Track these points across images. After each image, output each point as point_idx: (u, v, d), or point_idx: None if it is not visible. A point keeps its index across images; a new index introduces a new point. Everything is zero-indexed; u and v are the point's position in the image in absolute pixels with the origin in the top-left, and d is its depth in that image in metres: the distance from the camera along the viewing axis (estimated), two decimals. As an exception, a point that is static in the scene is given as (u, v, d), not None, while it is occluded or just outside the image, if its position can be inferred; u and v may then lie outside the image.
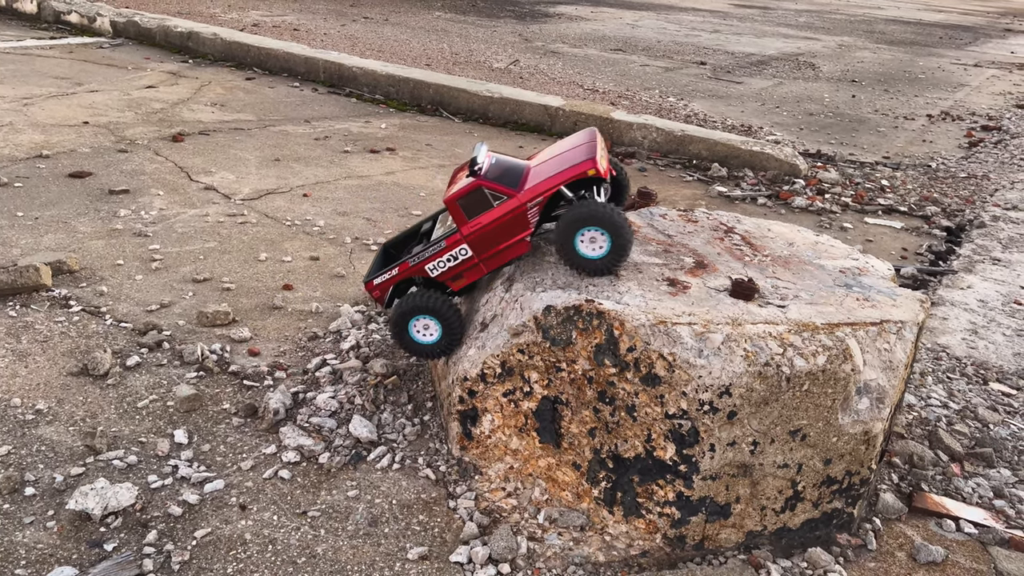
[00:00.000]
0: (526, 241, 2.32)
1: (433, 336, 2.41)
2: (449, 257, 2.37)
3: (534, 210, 2.27)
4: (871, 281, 2.36)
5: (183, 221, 4.19)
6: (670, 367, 2.01)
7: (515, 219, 2.28)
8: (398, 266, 2.43)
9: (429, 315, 2.37)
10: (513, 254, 2.35)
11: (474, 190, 2.27)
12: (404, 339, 2.43)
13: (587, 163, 2.22)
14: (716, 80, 9.69)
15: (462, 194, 2.28)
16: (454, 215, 2.32)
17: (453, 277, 2.41)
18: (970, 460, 2.61)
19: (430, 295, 2.36)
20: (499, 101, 6.74)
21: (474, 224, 2.30)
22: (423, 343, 2.42)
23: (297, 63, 7.66)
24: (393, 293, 2.51)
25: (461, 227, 2.32)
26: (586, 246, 2.22)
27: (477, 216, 2.30)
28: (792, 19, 17.15)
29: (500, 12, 13.85)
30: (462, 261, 2.37)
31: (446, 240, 2.35)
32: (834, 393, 2.03)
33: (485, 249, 2.34)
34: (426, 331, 2.40)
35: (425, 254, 2.39)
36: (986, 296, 4.03)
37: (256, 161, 5.24)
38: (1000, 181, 6.14)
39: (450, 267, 2.38)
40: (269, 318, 3.28)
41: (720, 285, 2.25)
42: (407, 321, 2.39)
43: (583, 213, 2.18)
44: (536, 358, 2.20)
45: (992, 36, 16.94)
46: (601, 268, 2.24)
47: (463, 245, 2.34)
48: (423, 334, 2.41)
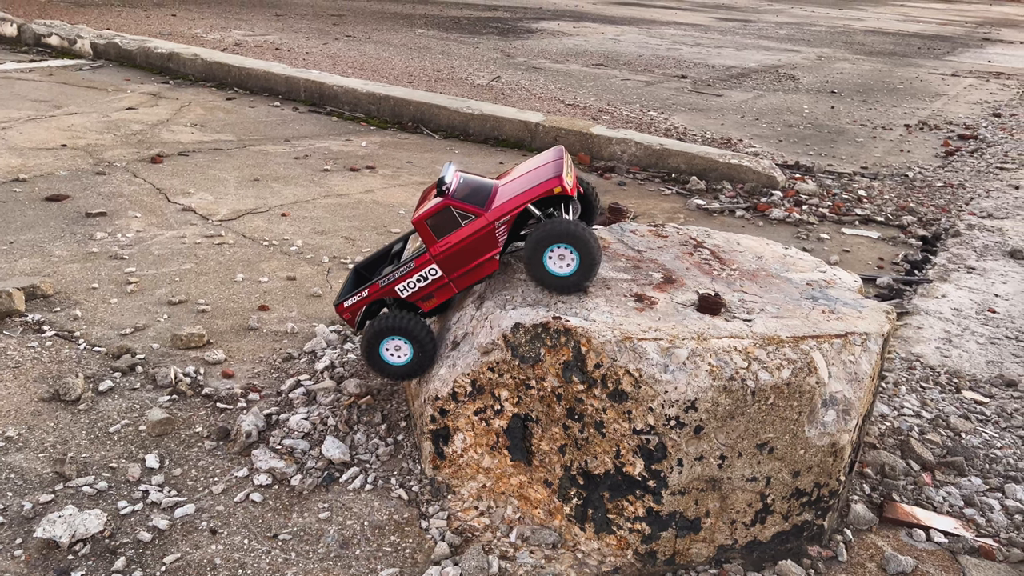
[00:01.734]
0: (495, 260, 2.33)
1: (404, 357, 2.40)
2: (419, 277, 2.37)
3: (502, 228, 2.28)
4: (838, 293, 2.38)
5: (160, 243, 4.18)
6: (636, 383, 2.02)
7: (483, 238, 2.29)
8: (368, 287, 2.43)
9: (400, 336, 2.37)
10: (483, 273, 2.36)
11: (442, 210, 2.28)
12: (375, 361, 2.43)
13: (553, 181, 2.24)
14: (696, 93, 9.77)
15: (430, 214, 2.29)
16: (423, 235, 2.33)
17: (423, 297, 2.41)
18: (941, 469, 2.62)
19: (401, 316, 2.36)
20: (479, 118, 6.77)
21: (443, 244, 2.31)
22: (394, 364, 2.42)
23: (278, 82, 7.68)
24: (365, 315, 2.51)
25: (430, 247, 2.33)
26: (555, 263, 2.23)
27: (446, 236, 2.31)
28: (773, 32, 17.32)
29: (483, 29, 13.93)
30: (432, 281, 2.37)
31: (415, 260, 2.36)
32: (799, 406, 2.04)
33: (455, 268, 2.35)
34: (397, 352, 2.40)
35: (395, 275, 2.39)
36: (960, 305, 4.06)
37: (235, 181, 5.24)
38: (976, 190, 6.21)
39: (420, 287, 2.39)
40: (244, 340, 3.27)
41: (687, 300, 2.26)
42: (378, 342, 2.39)
43: (550, 231, 2.19)
44: (506, 376, 2.21)
45: (970, 45, 17.15)
46: (570, 285, 2.25)
47: (432, 265, 2.34)
48: (394, 355, 2.41)
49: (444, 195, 2.29)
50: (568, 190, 2.24)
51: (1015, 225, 5.36)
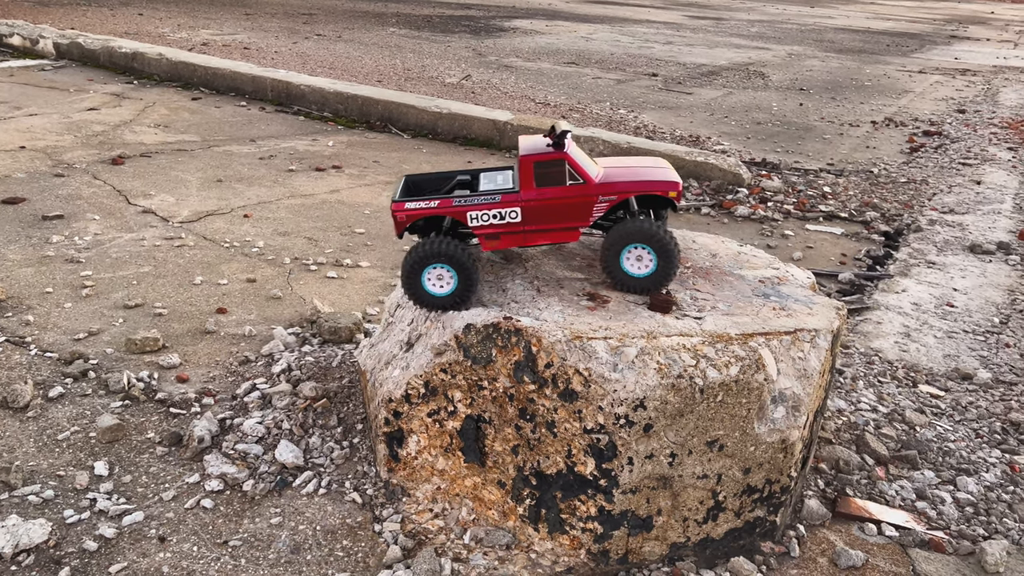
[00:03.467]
0: (577, 232, 2.27)
1: (447, 287, 2.25)
2: (497, 213, 2.25)
3: (603, 205, 2.23)
4: (789, 290, 2.39)
5: (118, 246, 4.12)
6: (586, 382, 2.01)
7: (580, 206, 2.23)
8: (439, 200, 2.27)
9: (447, 264, 2.23)
10: (558, 238, 2.29)
11: (555, 161, 2.20)
12: (415, 288, 2.27)
13: (675, 184, 2.26)
14: (667, 91, 9.80)
15: (543, 159, 2.21)
16: (523, 175, 2.23)
17: (489, 235, 2.28)
18: (895, 463, 2.64)
19: (452, 242, 2.22)
20: (448, 117, 6.75)
21: (539, 192, 2.23)
22: (434, 294, 2.27)
23: (244, 82, 7.61)
24: (411, 229, 2.38)
25: (524, 189, 2.23)
26: (631, 263, 2.23)
27: (546, 186, 2.23)
28: (744, 29, 17.42)
29: (455, 27, 13.89)
30: (508, 223, 2.26)
31: (502, 196, 2.25)
32: (748, 403, 2.05)
33: (536, 221, 2.25)
34: (439, 281, 2.25)
35: (473, 200, 2.26)
36: (920, 299, 4.10)
37: (197, 183, 5.18)
38: (938, 185, 6.27)
39: (493, 224, 2.26)
40: (200, 343, 3.23)
41: (639, 299, 2.26)
42: (422, 269, 2.24)
43: (638, 229, 2.18)
44: (459, 377, 2.20)
45: (937, 43, 17.35)
46: (639, 287, 2.25)
47: (517, 208, 2.24)
48: (436, 285, 2.26)
49: (560, 148, 2.22)
50: (678, 198, 2.26)
51: (975, 220, 5.42)
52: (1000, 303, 4.11)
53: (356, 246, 4.36)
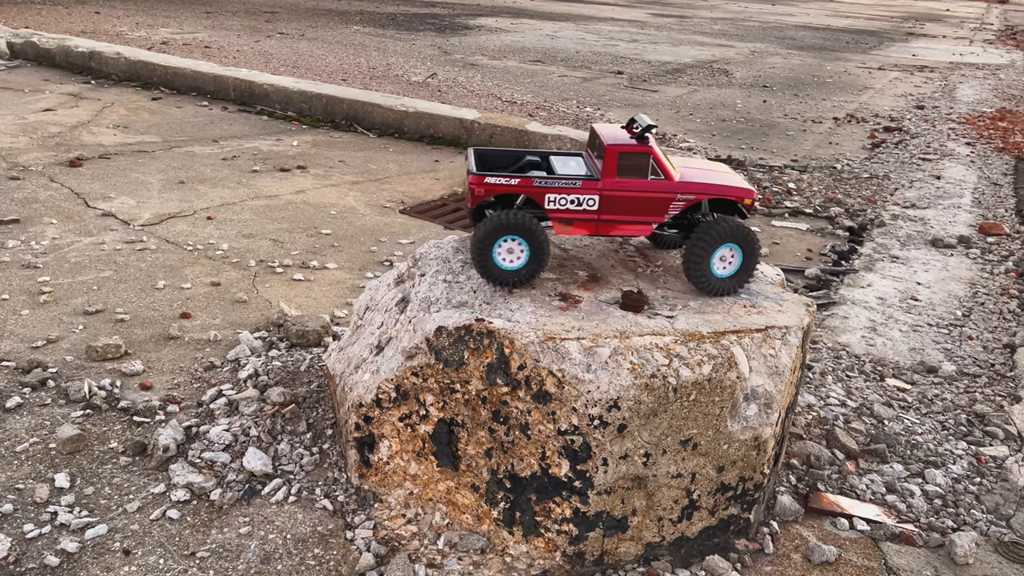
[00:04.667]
0: (650, 227, 2.28)
1: (518, 261, 2.22)
2: (575, 199, 2.24)
3: (680, 204, 2.24)
4: (759, 287, 2.40)
5: (77, 250, 4.02)
6: (560, 383, 2.00)
7: (658, 202, 2.24)
8: (520, 178, 2.25)
9: (521, 237, 2.20)
10: (632, 231, 2.29)
11: (641, 153, 2.21)
12: (486, 261, 2.22)
13: (751, 192, 2.29)
14: (632, 89, 9.83)
15: (629, 150, 2.21)
16: (607, 164, 2.22)
17: (564, 220, 2.27)
18: (865, 457, 2.67)
19: (525, 215, 2.20)
20: (414, 115, 6.70)
21: (620, 183, 2.23)
22: (504, 268, 2.23)
23: (206, 81, 7.48)
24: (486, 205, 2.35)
25: (605, 177, 2.23)
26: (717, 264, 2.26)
27: (627, 178, 2.23)
28: (707, 27, 17.55)
29: (420, 25, 13.81)
30: (584, 210, 2.25)
31: (583, 182, 2.24)
32: (721, 401, 2.05)
33: (612, 211, 2.25)
34: (510, 255, 2.22)
35: (553, 183, 2.24)
36: (885, 294, 4.15)
37: (159, 184, 5.08)
38: (900, 180, 6.37)
39: (569, 209, 2.25)
40: (164, 349, 3.16)
41: (611, 298, 2.25)
42: (493, 241, 2.20)
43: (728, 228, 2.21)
44: (430, 380, 2.17)
45: (895, 40, 17.64)
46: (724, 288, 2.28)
47: (595, 196, 2.23)
48: (507, 258, 2.23)
49: (644, 141, 2.23)
50: (751, 207, 2.29)
51: (936, 214, 5.51)
52: (962, 296, 4.18)
53: (323, 247, 4.30)
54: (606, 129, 2.36)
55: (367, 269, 4.08)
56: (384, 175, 5.67)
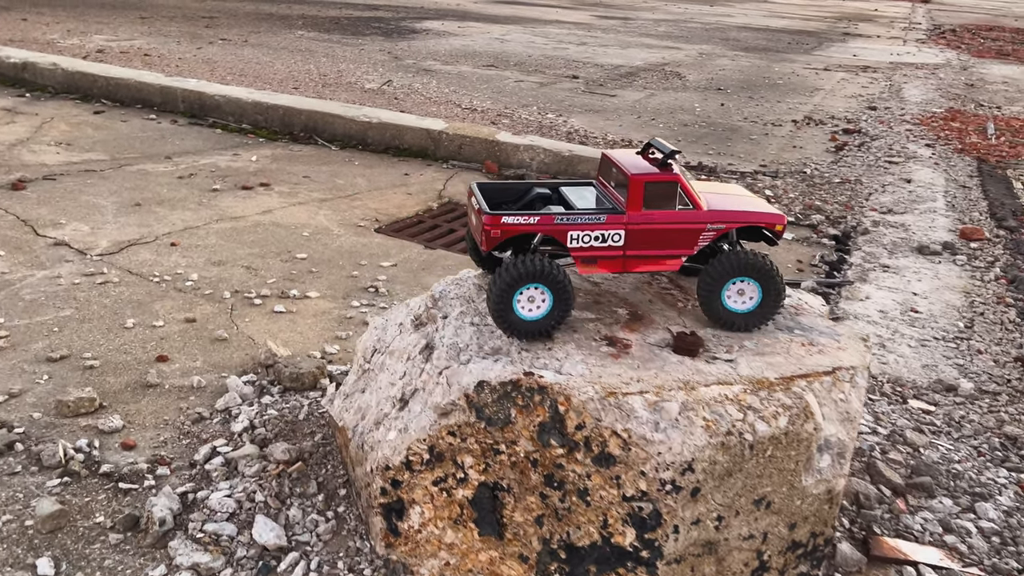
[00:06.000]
0: (679, 260, 2.11)
1: (539, 310, 2.03)
2: (600, 235, 2.05)
3: (710, 234, 2.08)
4: (810, 321, 2.25)
5: (31, 286, 3.67)
6: (625, 445, 1.80)
7: (687, 233, 2.08)
8: (539, 216, 2.04)
9: (543, 284, 2.01)
10: (660, 267, 2.13)
11: (669, 182, 2.04)
12: (506, 313, 2.03)
13: (781, 218, 2.15)
14: (590, 94, 9.71)
15: (655, 180, 2.03)
16: (632, 196, 2.04)
17: (587, 259, 2.08)
18: (912, 492, 2.54)
19: (545, 260, 2.00)
20: (378, 126, 6.43)
21: (646, 216, 2.05)
22: (524, 318, 2.04)
23: (152, 93, 7.07)
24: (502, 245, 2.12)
25: (630, 210, 2.05)
26: (732, 298, 2.10)
27: (654, 209, 2.05)
28: (652, 29, 17.59)
29: (365, 30, 13.47)
30: (608, 246, 2.07)
31: (607, 216, 2.05)
32: (797, 455, 1.88)
33: (639, 246, 2.08)
34: (531, 304, 2.03)
35: (576, 219, 2.04)
36: (885, 306, 4.07)
37: (113, 208, 4.72)
38: (871, 184, 6.36)
39: (592, 247, 2.06)
40: (143, 399, 2.87)
41: (661, 340, 2.07)
42: (515, 290, 2.00)
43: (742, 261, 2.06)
44: (470, 440, 1.95)
45: (834, 40, 17.94)
46: (742, 323, 2.12)
47: (620, 231, 2.05)
48: (527, 307, 2.03)
49: (668, 168, 2.05)
50: (781, 233, 2.16)
51: (915, 220, 5.50)
52: (960, 306, 4.13)
53: (300, 274, 4.03)
54: (624, 157, 2.19)
55: (351, 297, 3.82)
56: (353, 191, 5.40)
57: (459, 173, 5.98)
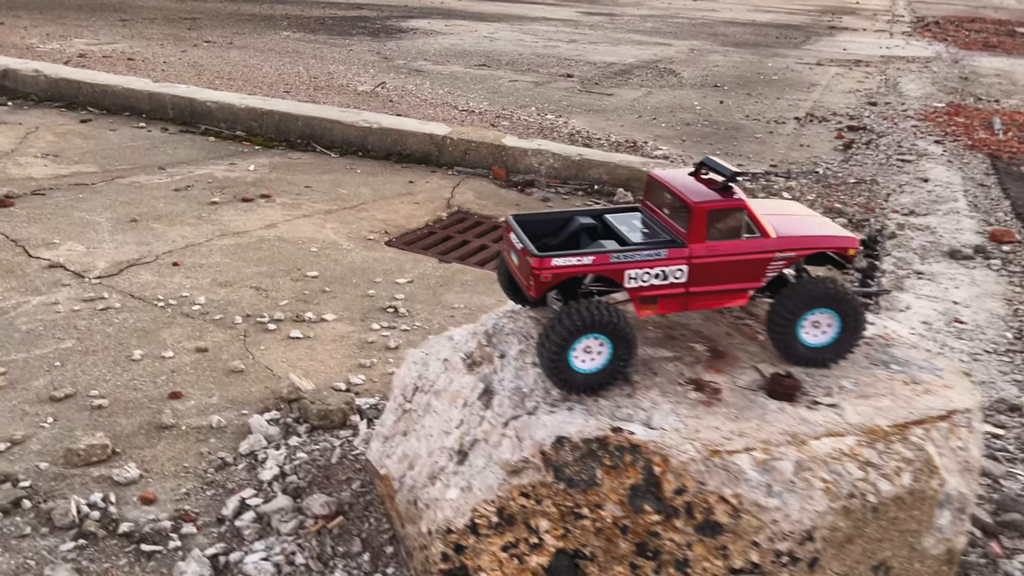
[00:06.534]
0: (747, 295, 1.92)
1: (596, 362, 1.82)
2: (660, 272, 1.85)
3: (778, 264, 1.89)
4: (903, 353, 2.05)
5: (26, 314, 3.41)
6: (735, 512, 1.60)
7: (754, 264, 1.88)
8: (594, 256, 1.83)
9: (604, 334, 1.79)
10: (725, 303, 1.92)
11: (735, 209, 1.84)
12: (561, 367, 1.81)
13: (854, 241, 1.99)
14: (587, 93, 9.51)
15: (720, 207, 1.83)
16: (695, 226, 1.83)
17: (646, 299, 1.87)
18: (1004, 533, 2.36)
19: (607, 308, 1.79)
20: (379, 132, 6.18)
21: (711, 248, 1.85)
22: (578, 370, 1.83)
23: (140, 100, 6.78)
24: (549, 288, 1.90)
25: (692, 243, 1.84)
26: (807, 331, 1.90)
27: (719, 240, 1.85)
28: (639, 25, 17.42)
29: (352, 30, 13.19)
30: (669, 284, 1.86)
31: (668, 251, 1.84)
32: (920, 515, 1.69)
33: (703, 282, 1.87)
34: (587, 355, 1.82)
35: (633, 256, 1.84)
36: (927, 317, 3.90)
37: (109, 224, 4.46)
38: (888, 184, 6.20)
39: (654, 284, 1.86)
40: (159, 443, 2.63)
41: (752, 382, 1.86)
42: (573, 342, 1.79)
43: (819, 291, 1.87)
44: (546, 502, 1.74)
45: (821, 34, 17.85)
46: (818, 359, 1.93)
47: (684, 265, 1.85)
48: (583, 359, 1.82)
49: (730, 190, 1.86)
50: (853, 258, 1.99)
51: (940, 222, 5.34)
52: (1004, 315, 3.97)
53: (313, 294, 3.80)
54: (679, 180, 1.98)
55: (370, 318, 3.59)
56: (358, 201, 5.17)
57: (466, 180, 5.75)
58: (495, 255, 4.50)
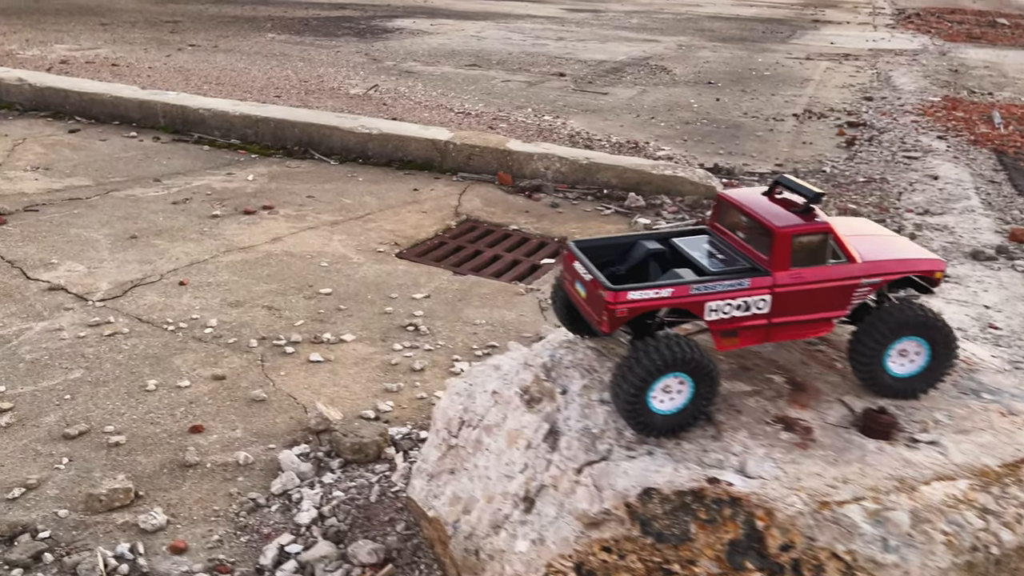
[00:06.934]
0: (831, 324, 1.80)
1: (676, 402, 1.70)
2: (741, 304, 1.72)
3: (864, 291, 1.78)
4: (991, 379, 1.94)
5: (30, 342, 3.23)
6: (848, 569, 1.47)
7: (839, 291, 1.77)
8: (673, 287, 1.70)
9: (686, 372, 1.67)
10: (808, 334, 1.80)
11: (821, 232, 1.73)
12: (639, 408, 1.68)
13: (941, 263, 1.87)
14: (582, 92, 9.38)
15: (805, 231, 1.71)
16: (778, 252, 1.71)
17: (726, 332, 1.75)
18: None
19: (690, 345, 1.67)
20: (379, 138, 6.02)
21: (796, 275, 1.73)
22: (659, 412, 1.70)
23: (130, 108, 6.57)
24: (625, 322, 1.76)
25: (776, 270, 1.72)
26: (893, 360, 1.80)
27: (803, 266, 1.73)
28: (625, 21, 17.31)
29: (337, 30, 12.98)
30: (752, 315, 1.74)
31: (751, 280, 1.72)
32: (1039, 563, 1.57)
33: (786, 311, 1.75)
34: (665, 395, 1.69)
35: (715, 287, 1.71)
36: (960, 322, 3.80)
37: (107, 242, 4.27)
38: (898, 182, 6.12)
39: (735, 316, 1.73)
40: (185, 484, 2.47)
41: (841, 418, 1.74)
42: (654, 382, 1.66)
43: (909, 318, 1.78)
44: (631, 557, 1.60)
45: (806, 28, 17.82)
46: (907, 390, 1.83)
47: (766, 295, 1.72)
48: (661, 399, 1.69)
49: (812, 212, 1.74)
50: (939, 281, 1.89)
51: (957, 221, 5.26)
52: (1037, 320, 3.88)
53: (328, 312, 3.64)
54: (754, 201, 1.85)
55: (391, 338, 3.44)
56: (364, 211, 5.01)
57: (471, 186, 5.60)
58: (510, 265, 4.36)
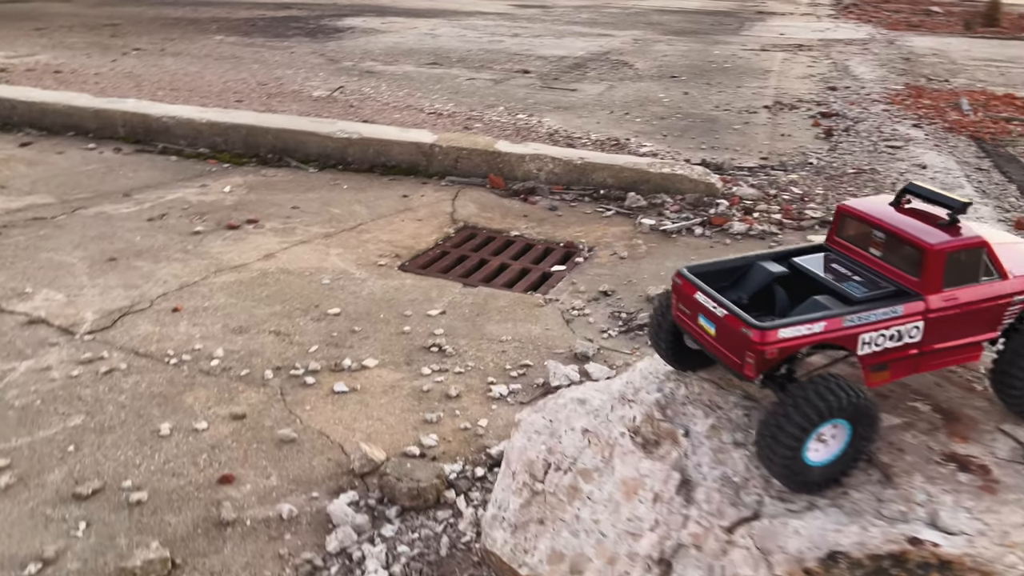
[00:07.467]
0: (981, 349, 1.62)
1: (830, 451, 1.49)
2: (896, 333, 1.53)
3: (1015, 309, 1.60)
4: None
5: (16, 385, 2.88)
6: (1082, 634, 1.30)
7: (991, 311, 1.59)
8: (826, 320, 1.50)
9: (849, 421, 1.48)
10: (956, 362, 1.62)
11: (975, 248, 1.55)
12: (796, 467, 1.47)
13: None
14: (549, 89, 9.18)
15: (959, 247, 1.53)
16: (930, 272, 1.52)
17: (877, 366, 1.55)
18: None
19: (853, 389, 1.46)
20: (359, 143, 5.72)
21: (949, 297, 1.55)
22: (813, 464, 1.49)
23: (85, 117, 6.13)
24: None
25: (928, 293, 1.54)
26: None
27: (956, 287, 1.55)
28: (575, 16, 17.19)
29: (287, 31, 12.53)
30: (903, 345, 1.54)
31: (904, 306, 1.52)
32: None
33: (938, 339, 1.56)
34: (820, 444, 1.48)
35: (868, 317, 1.51)
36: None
37: (84, 266, 3.90)
38: (888, 173, 6.08)
39: (887, 348, 1.53)
40: (226, 547, 2.18)
41: (1011, 451, 1.57)
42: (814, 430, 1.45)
43: None
44: (809, 625, 1.40)
45: (753, 20, 17.97)
46: None
47: (918, 322, 1.53)
48: (815, 450, 1.48)
49: (958, 225, 1.56)
50: None
51: (957, 212, 5.21)
52: (1066, 312, 3.82)
53: (343, 335, 3.36)
54: (888, 214, 1.67)
55: (416, 361, 3.19)
56: (355, 221, 4.72)
57: (463, 190, 5.36)
58: (520, 274, 4.13)
